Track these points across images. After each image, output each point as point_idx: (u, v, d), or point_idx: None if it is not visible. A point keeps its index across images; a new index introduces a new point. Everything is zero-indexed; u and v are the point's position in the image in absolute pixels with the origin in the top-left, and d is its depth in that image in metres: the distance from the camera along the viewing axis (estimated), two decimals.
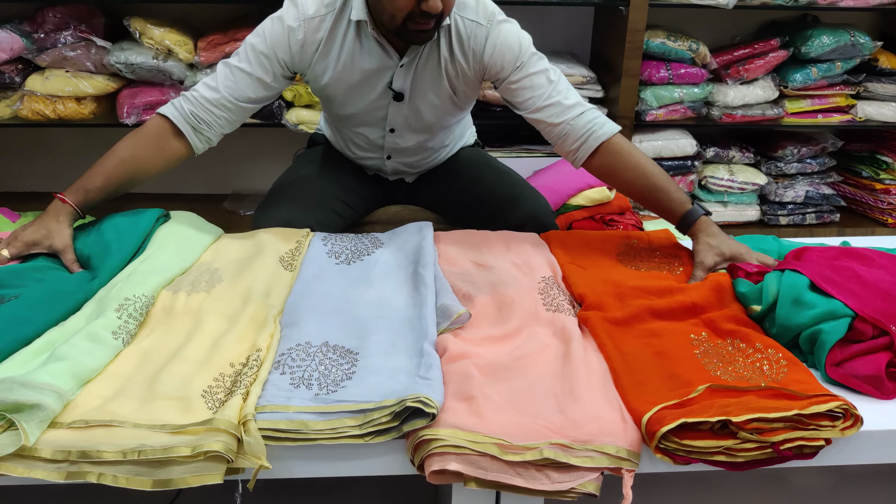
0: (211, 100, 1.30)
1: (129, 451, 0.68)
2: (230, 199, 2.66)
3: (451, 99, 1.41)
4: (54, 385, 0.74)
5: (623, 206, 2.19)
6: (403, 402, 0.75)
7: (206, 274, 1.05)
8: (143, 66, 2.23)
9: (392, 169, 1.60)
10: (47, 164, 2.74)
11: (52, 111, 2.27)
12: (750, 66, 2.45)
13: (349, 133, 1.53)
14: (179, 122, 1.29)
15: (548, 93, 1.30)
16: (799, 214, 2.66)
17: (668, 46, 2.38)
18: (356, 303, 0.99)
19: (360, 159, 1.61)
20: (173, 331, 0.90)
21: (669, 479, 1.06)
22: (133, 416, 0.73)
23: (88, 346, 0.82)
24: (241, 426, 0.71)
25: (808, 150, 2.59)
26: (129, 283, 0.95)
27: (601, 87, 2.45)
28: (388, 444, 0.76)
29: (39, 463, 0.68)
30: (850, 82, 2.52)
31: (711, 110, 2.51)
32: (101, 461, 0.68)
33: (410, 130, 1.47)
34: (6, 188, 2.74)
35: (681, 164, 2.53)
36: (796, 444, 0.75)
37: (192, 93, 1.31)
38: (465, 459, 0.73)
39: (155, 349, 0.86)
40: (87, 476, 0.68)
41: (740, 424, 0.74)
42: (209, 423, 0.71)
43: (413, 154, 1.56)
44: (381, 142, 1.50)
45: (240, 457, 0.71)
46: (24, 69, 2.27)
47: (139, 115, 2.29)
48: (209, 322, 0.91)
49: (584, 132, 1.28)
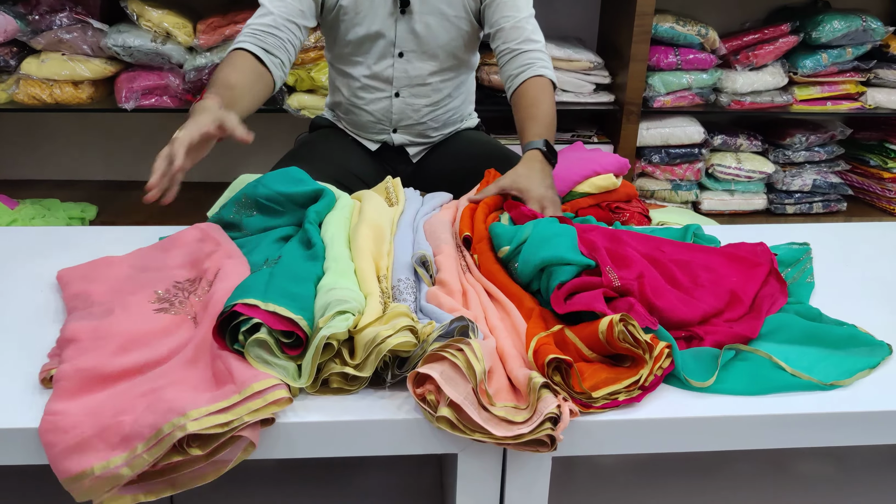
0: (269, 23, 1.35)
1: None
2: None
3: (465, 6, 1.45)
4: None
5: (630, 194, 2.16)
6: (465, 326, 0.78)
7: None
8: (141, 50, 2.19)
9: (398, 141, 1.60)
10: (45, 150, 2.71)
11: (48, 95, 2.23)
12: (759, 52, 2.41)
13: (356, 85, 1.53)
14: (258, 51, 1.32)
15: (521, 18, 1.42)
16: (806, 203, 2.63)
17: (676, 31, 2.34)
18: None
19: (365, 131, 1.60)
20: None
21: (669, 466, 1.05)
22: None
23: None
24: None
25: (817, 137, 2.56)
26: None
27: (608, 73, 2.41)
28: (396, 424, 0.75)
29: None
30: (860, 69, 2.49)
31: (720, 97, 2.47)
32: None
33: (418, 55, 1.48)
34: (4, 175, 2.71)
35: (688, 151, 2.50)
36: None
37: (248, 28, 1.35)
38: (446, 375, 0.72)
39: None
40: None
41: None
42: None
43: (417, 112, 1.56)
44: (391, 72, 1.50)
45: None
46: (18, 52, 2.24)
47: (138, 99, 2.25)
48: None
49: (527, 63, 1.40)
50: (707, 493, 1.05)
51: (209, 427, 0.67)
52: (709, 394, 0.79)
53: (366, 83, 1.53)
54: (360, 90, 1.55)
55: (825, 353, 0.84)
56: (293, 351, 0.77)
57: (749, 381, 0.79)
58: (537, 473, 0.77)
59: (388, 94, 1.54)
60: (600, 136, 2.49)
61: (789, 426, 0.77)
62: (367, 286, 0.86)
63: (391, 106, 1.55)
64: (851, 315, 0.96)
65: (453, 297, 0.88)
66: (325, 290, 0.82)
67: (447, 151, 1.65)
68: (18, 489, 0.96)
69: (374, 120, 1.58)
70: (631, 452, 0.78)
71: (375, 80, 1.53)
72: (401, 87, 1.53)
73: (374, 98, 1.55)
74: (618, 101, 2.40)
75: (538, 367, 0.75)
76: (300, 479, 1.06)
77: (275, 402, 0.71)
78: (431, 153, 1.66)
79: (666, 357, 0.77)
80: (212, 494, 1.03)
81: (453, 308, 0.85)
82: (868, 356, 0.85)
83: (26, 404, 0.74)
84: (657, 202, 2.57)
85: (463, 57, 1.55)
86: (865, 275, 1.09)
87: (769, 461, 1.08)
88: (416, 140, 1.62)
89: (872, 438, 0.79)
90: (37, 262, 1.06)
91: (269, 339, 0.75)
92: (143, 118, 2.64)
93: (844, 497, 1.07)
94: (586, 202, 2.15)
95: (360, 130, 1.63)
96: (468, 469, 0.77)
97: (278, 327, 0.75)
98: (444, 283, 0.91)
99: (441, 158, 1.64)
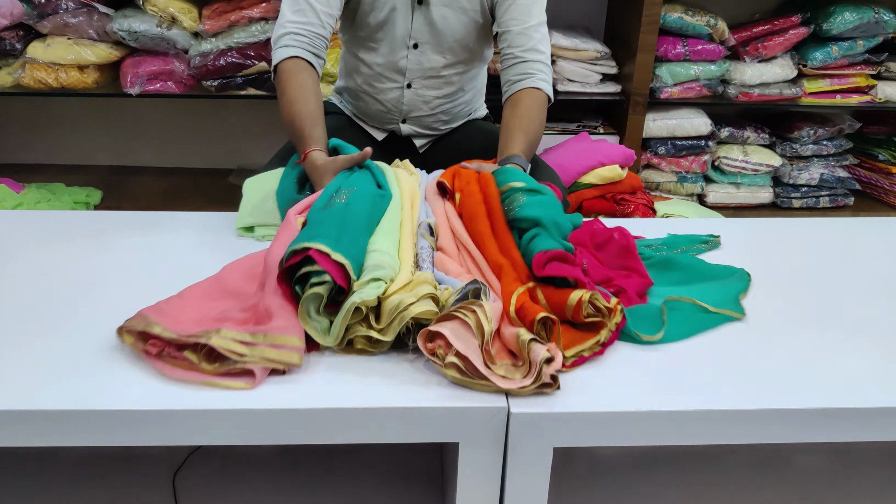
0: (314, 22, 1.36)
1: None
2: (235, 174, 2.63)
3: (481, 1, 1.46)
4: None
5: (635, 186, 2.16)
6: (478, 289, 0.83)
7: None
8: (147, 34, 2.18)
9: (406, 132, 1.60)
10: (51, 135, 2.71)
11: (54, 79, 2.23)
12: (769, 44, 2.39)
13: (368, 73, 1.53)
14: (311, 58, 1.35)
15: (530, 25, 1.41)
16: (812, 197, 2.62)
17: (685, 21, 2.33)
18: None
19: (374, 119, 1.60)
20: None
21: (669, 459, 1.05)
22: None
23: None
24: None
25: (825, 131, 2.54)
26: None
27: (615, 63, 2.39)
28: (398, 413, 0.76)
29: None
30: (871, 62, 2.47)
31: (728, 89, 2.45)
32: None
33: (433, 47, 1.48)
34: (10, 160, 2.71)
35: (694, 143, 2.48)
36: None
37: (293, 25, 1.34)
38: (456, 332, 0.77)
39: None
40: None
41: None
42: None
43: (429, 104, 1.56)
44: (404, 63, 1.50)
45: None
46: (24, 35, 2.23)
47: (143, 84, 2.24)
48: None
49: (528, 73, 1.40)
50: (705, 486, 1.05)
51: (225, 349, 0.76)
52: (710, 393, 0.79)
53: (379, 72, 1.52)
54: (373, 78, 1.54)
55: (712, 287, 0.99)
56: (332, 307, 0.83)
57: (683, 326, 0.90)
58: (538, 463, 0.77)
59: (400, 85, 1.53)
60: (606, 127, 2.48)
61: (791, 421, 0.77)
62: (405, 252, 0.93)
63: (402, 97, 1.54)
64: (857, 310, 0.96)
65: (455, 259, 0.96)
66: (369, 250, 0.90)
67: (454, 142, 1.64)
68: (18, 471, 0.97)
69: (384, 110, 1.57)
70: (630, 445, 0.78)
71: (388, 70, 1.52)
72: (413, 78, 1.52)
73: (386, 88, 1.54)
74: (624, 91, 2.39)
75: (526, 324, 0.81)
76: (302, 465, 1.06)
77: (286, 360, 0.78)
78: (438, 143, 1.65)
79: (619, 313, 0.87)
80: (214, 476, 1.04)
81: (458, 273, 0.92)
82: (738, 281, 1.01)
83: (32, 385, 0.75)
84: (662, 194, 2.56)
85: (477, 50, 1.53)
86: (871, 270, 1.08)
87: (768, 455, 1.08)
88: (423, 132, 1.62)
89: (876, 435, 0.79)
90: (41, 246, 1.06)
91: (324, 297, 0.81)
92: (148, 103, 2.64)
93: (844, 491, 1.07)
94: (591, 193, 2.15)
95: (368, 118, 1.62)
96: (469, 458, 0.77)
97: (340, 282, 0.82)
98: (443, 248, 0.98)
99: (448, 149, 1.63)
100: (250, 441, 0.75)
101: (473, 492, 0.79)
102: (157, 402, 0.73)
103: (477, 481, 0.79)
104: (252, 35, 2.22)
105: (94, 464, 1.05)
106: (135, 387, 0.75)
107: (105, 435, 0.73)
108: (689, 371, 0.82)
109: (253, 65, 2.24)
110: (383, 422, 0.75)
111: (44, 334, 0.84)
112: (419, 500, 1.03)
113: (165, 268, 1.01)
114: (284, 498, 1.01)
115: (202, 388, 0.75)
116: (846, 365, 0.84)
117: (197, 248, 1.08)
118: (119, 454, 1.08)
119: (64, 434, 0.73)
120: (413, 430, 0.76)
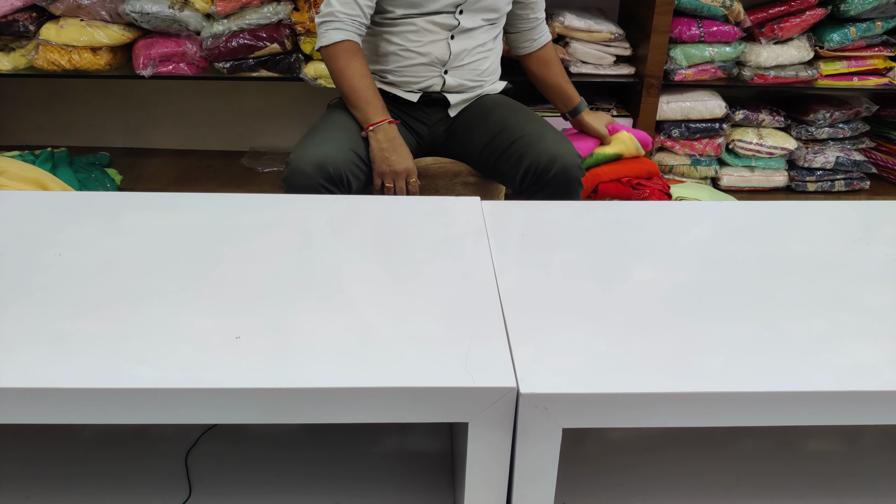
0: (363, 13, 1.56)
1: None
2: (248, 156, 2.63)
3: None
4: None
5: (651, 171, 2.14)
6: None
7: None
8: (159, 16, 2.18)
9: (449, 83, 1.69)
10: (64, 116, 2.72)
11: (67, 61, 2.24)
12: (785, 25, 2.36)
13: (410, 29, 1.63)
14: (357, 37, 1.57)
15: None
16: (828, 181, 2.59)
17: (700, 2, 2.29)
18: None
19: (411, 76, 1.68)
20: None
21: (681, 441, 1.05)
22: None
23: None
24: None
25: (841, 114, 2.51)
26: None
27: (629, 45, 2.37)
28: (408, 392, 0.76)
29: None
30: (889, 43, 2.42)
31: (743, 71, 2.42)
32: None
33: (476, 9, 1.64)
34: (24, 141, 2.73)
35: (709, 126, 2.46)
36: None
37: (342, 12, 1.54)
38: None
39: None
40: None
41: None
42: None
43: (470, 54, 1.69)
44: (452, 21, 1.63)
45: None
46: (38, 17, 2.24)
47: (155, 66, 2.25)
48: None
49: (541, 34, 1.83)
50: (716, 468, 1.05)
51: None
52: (723, 376, 0.79)
53: (423, 27, 1.62)
54: (414, 34, 1.63)
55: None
56: None
57: None
58: (548, 443, 0.78)
59: (445, 38, 1.64)
60: (619, 109, 2.46)
61: (804, 403, 0.77)
62: None
63: (448, 47, 1.64)
64: (871, 296, 0.95)
65: None
66: None
67: (483, 109, 1.72)
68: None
69: (427, 62, 1.65)
70: (641, 426, 0.78)
71: (434, 26, 1.63)
72: (457, 32, 1.65)
73: (431, 41, 1.64)
74: (638, 73, 2.36)
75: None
76: (314, 444, 1.07)
77: None
78: (466, 111, 1.73)
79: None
80: (227, 455, 1.05)
81: None
82: None
83: (46, 363, 0.76)
84: (675, 177, 2.54)
85: (505, 9, 1.72)
86: (887, 254, 1.07)
87: (779, 436, 1.08)
88: (464, 83, 1.70)
89: (889, 418, 0.79)
90: (54, 226, 1.07)
91: None
92: (160, 85, 2.64)
93: (857, 476, 1.07)
94: (606, 175, 2.13)
95: (404, 79, 1.68)
96: (479, 438, 0.77)
97: None
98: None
99: (475, 116, 1.71)
100: (263, 420, 0.75)
101: (482, 472, 0.79)
102: (170, 381, 0.74)
103: (486, 462, 0.79)
104: (264, 17, 2.22)
105: (106, 442, 1.06)
106: (148, 366, 0.76)
107: (118, 413, 0.74)
108: (700, 353, 0.82)
109: (265, 46, 2.24)
110: (393, 401, 0.76)
111: (57, 313, 0.85)
112: (429, 478, 1.03)
113: (179, 250, 1.01)
114: (296, 477, 1.02)
115: (215, 366, 0.76)
116: (860, 348, 0.84)
117: (210, 230, 1.08)
118: (132, 433, 1.09)
119: (77, 412, 0.74)
120: (422, 410, 0.76)
